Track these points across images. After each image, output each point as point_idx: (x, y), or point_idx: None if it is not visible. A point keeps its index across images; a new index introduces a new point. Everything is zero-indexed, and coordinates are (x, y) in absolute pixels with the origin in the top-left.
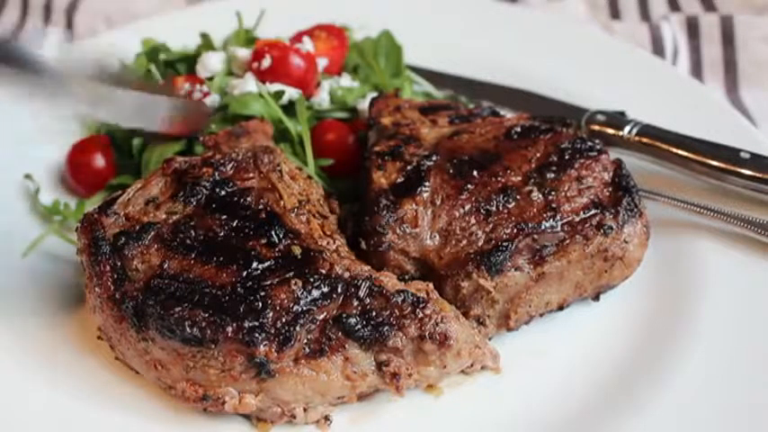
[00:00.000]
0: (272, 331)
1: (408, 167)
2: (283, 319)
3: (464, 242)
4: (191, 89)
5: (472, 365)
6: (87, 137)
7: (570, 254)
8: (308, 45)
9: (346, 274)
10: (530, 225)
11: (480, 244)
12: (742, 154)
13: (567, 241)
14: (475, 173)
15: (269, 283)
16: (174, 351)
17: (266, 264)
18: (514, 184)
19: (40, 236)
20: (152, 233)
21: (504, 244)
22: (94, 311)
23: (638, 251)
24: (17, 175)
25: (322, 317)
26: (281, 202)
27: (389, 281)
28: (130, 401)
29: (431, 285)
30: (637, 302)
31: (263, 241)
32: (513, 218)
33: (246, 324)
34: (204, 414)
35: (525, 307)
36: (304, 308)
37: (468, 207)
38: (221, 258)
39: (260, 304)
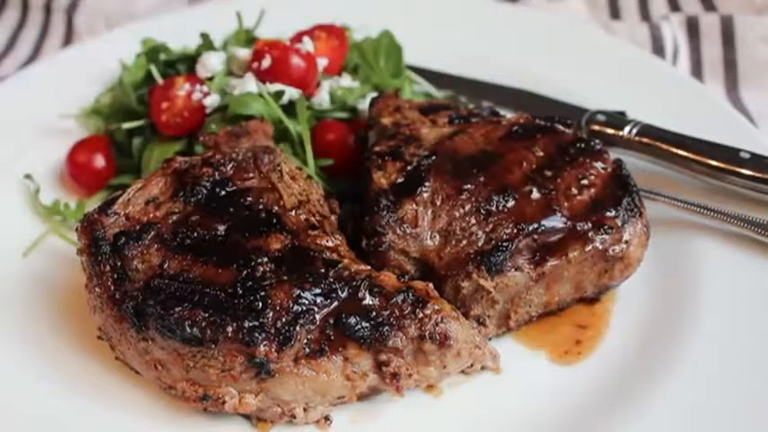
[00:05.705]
0: (272, 331)
1: (408, 167)
2: (283, 319)
3: (464, 242)
4: (190, 89)
5: (472, 365)
6: (87, 137)
7: (570, 254)
8: (308, 45)
9: (346, 274)
10: (530, 225)
11: (480, 244)
12: (742, 154)
13: (567, 241)
14: (475, 173)
15: (269, 283)
16: (174, 351)
17: (266, 264)
18: (514, 185)
19: (40, 236)
20: (152, 233)
21: (504, 244)
22: (94, 311)
23: (639, 251)
24: (17, 175)
25: (322, 317)
26: (281, 202)
27: (389, 281)
28: (130, 401)
29: (431, 285)
30: (637, 302)
31: (263, 241)
32: (513, 218)
33: (246, 324)
34: (204, 414)
35: (525, 307)
36: (304, 308)
37: (468, 207)
38: (221, 258)
39: (260, 304)
